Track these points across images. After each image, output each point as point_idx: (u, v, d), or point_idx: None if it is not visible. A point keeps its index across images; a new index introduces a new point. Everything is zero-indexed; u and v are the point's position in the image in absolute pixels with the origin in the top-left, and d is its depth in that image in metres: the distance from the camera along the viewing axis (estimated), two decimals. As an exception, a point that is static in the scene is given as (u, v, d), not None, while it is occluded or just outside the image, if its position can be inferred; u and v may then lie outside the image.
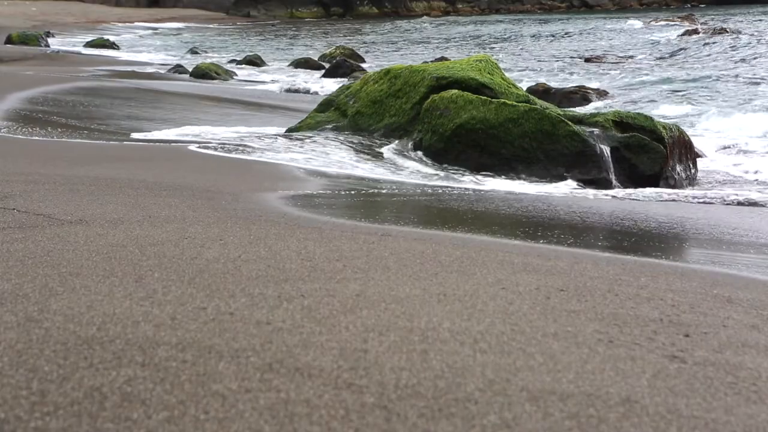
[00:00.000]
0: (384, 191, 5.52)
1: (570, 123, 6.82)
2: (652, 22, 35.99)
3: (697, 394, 1.96)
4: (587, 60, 22.11)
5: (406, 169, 6.89)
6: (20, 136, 6.91)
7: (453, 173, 6.83)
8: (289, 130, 8.35)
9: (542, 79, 16.68)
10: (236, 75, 18.17)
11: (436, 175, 6.77)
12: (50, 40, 28.26)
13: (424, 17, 60.24)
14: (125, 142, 7.03)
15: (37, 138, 6.90)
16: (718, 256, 4.13)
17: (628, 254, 3.83)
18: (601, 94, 15.04)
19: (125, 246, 3.07)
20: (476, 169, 6.85)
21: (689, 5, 60.47)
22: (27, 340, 2.02)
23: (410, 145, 7.37)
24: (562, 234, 4.33)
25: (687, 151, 7.25)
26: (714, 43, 23.85)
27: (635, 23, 36.57)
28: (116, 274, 2.66)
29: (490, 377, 1.95)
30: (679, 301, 2.78)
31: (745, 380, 2.07)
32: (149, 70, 18.48)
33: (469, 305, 2.52)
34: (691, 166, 7.28)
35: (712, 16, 41.54)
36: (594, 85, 16.08)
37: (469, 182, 6.56)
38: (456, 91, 7.24)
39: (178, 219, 3.68)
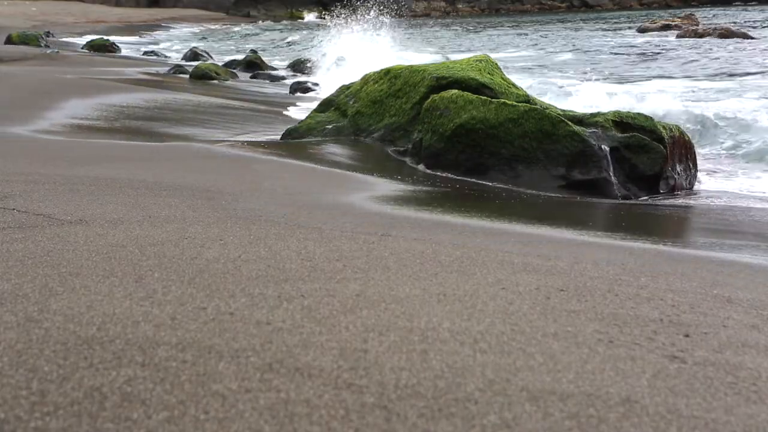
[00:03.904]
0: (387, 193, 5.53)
1: (570, 123, 6.82)
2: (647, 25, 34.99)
3: (697, 394, 1.96)
4: None
5: (411, 170, 6.89)
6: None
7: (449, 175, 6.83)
8: (289, 130, 8.35)
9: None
10: (237, 76, 18.17)
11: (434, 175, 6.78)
12: (50, 41, 28.25)
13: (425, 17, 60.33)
14: (125, 142, 7.02)
15: (40, 137, 6.90)
16: None
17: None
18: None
19: (125, 246, 3.07)
20: (475, 169, 6.85)
21: (691, 5, 60.34)
22: (27, 340, 2.02)
23: (410, 145, 7.37)
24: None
25: (687, 152, 7.25)
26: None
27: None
28: (116, 274, 2.67)
29: (490, 377, 1.95)
30: (679, 301, 2.78)
31: (745, 380, 2.08)
32: (152, 70, 18.47)
33: (469, 305, 2.52)
34: (691, 166, 7.28)
35: (716, 17, 41.35)
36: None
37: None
38: (456, 91, 7.24)
39: (178, 219, 3.68)
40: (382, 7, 21.25)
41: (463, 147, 6.93)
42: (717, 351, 2.28)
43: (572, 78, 16.63)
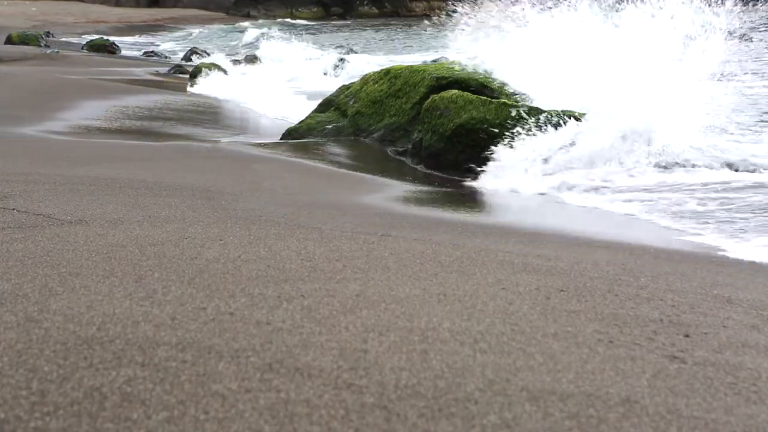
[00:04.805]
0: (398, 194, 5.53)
1: (570, 123, 6.81)
2: None
3: (697, 394, 1.96)
4: None
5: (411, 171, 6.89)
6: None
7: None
8: (289, 129, 8.35)
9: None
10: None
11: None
12: (50, 41, 28.22)
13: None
14: (125, 142, 7.02)
15: (40, 137, 6.90)
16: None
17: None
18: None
19: (125, 246, 3.07)
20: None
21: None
22: (27, 340, 2.02)
23: (410, 145, 7.37)
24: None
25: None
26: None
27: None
28: (116, 274, 2.67)
29: (490, 377, 1.95)
30: (679, 301, 2.78)
31: (745, 380, 2.08)
32: (152, 70, 18.47)
33: (469, 305, 2.52)
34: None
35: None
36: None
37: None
38: (456, 91, 7.23)
39: (178, 219, 3.68)
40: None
41: (463, 147, 6.92)
42: (717, 351, 2.28)
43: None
